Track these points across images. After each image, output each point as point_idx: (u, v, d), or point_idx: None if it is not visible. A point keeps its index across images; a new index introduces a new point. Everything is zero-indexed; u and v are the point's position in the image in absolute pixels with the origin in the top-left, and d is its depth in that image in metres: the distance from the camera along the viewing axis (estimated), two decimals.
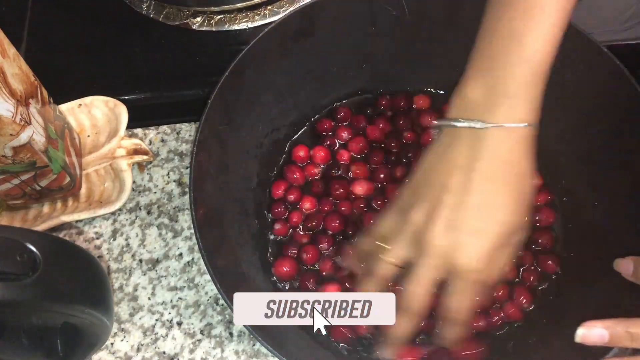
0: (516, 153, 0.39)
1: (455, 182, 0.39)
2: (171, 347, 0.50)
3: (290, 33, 0.50)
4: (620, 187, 0.48)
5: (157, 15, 0.64)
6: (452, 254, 0.38)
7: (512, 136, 0.38)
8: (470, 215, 0.38)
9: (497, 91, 0.39)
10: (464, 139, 0.39)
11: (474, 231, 0.38)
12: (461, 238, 0.38)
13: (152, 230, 0.55)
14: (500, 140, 0.38)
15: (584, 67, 0.49)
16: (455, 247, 0.38)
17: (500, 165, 0.39)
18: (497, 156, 0.38)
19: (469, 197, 0.38)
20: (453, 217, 0.38)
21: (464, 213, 0.38)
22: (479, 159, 0.39)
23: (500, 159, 0.39)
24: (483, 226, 0.38)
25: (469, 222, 0.38)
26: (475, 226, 0.38)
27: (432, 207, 0.39)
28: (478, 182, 0.38)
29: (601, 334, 0.35)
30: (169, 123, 0.60)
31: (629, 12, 0.61)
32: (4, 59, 0.43)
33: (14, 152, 0.44)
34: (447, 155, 0.40)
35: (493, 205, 0.39)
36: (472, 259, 0.38)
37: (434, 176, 0.40)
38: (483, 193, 0.38)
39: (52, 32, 0.65)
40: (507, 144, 0.38)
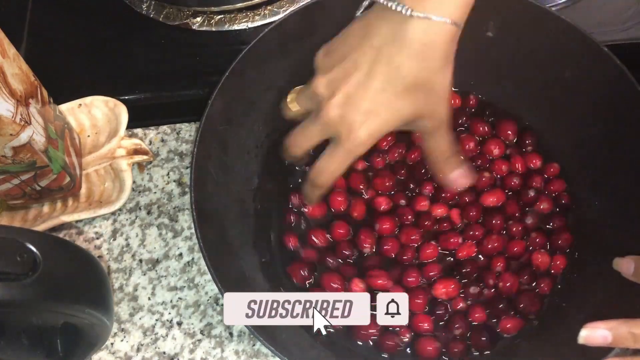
0: (433, 47, 0.39)
1: (364, 61, 0.40)
2: (171, 347, 0.50)
3: (290, 33, 0.50)
4: (621, 187, 0.48)
5: (157, 15, 0.64)
6: (340, 124, 0.41)
7: (434, 29, 0.39)
8: (368, 96, 0.40)
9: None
10: (387, 21, 0.40)
11: (366, 112, 0.40)
12: (353, 114, 0.40)
13: (152, 230, 0.55)
14: (420, 31, 0.39)
15: (584, 67, 0.49)
16: (345, 120, 0.41)
17: (413, 56, 0.39)
18: (412, 46, 0.39)
19: (372, 79, 0.40)
20: (352, 94, 0.40)
21: (363, 93, 0.40)
22: (394, 45, 0.39)
23: (414, 50, 0.39)
24: (376, 110, 0.40)
25: (364, 102, 0.40)
26: (369, 108, 0.40)
27: (338, 78, 0.41)
28: (385, 67, 0.40)
29: (604, 335, 0.35)
30: (169, 123, 0.60)
31: (629, 12, 0.61)
32: (4, 59, 0.43)
33: (14, 152, 0.44)
34: (368, 32, 0.41)
35: (393, 93, 0.40)
36: (356, 136, 0.41)
37: (350, 47, 0.41)
38: (387, 79, 0.40)
39: (52, 32, 0.65)
40: (427, 36, 0.39)
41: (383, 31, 0.40)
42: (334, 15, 0.51)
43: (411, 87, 0.40)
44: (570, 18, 0.48)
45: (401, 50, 0.39)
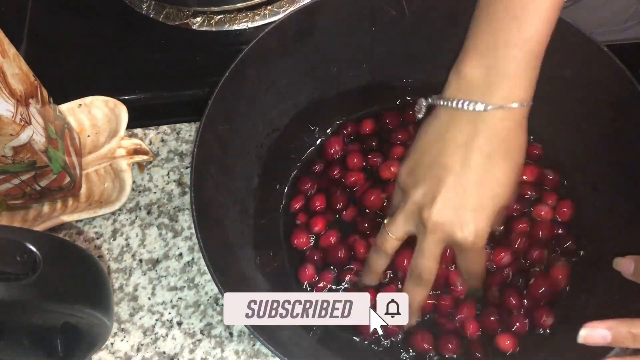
0: (514, 130, 0.40)
1: (454, 161, 0.41)
2: (171, 347, 0.50)
3: (290, 33, 0.50)
4: (621, 187, 0.48)
5: (157, 15, 0.64)
6: (453, 230, 0.41)
7: (511, 115, 0.40)
8: (469, 193, 0.40)
9: (496, 72, 0.40)
10: (464, 119, 0.40)
11: (473, 209, 0.40)
12: (461, 215, 0.40)
13: (152, 230, 0.55)
14: (499, 120, 0.40)
15: (584, 67, 0.49)
16: (455, 224, 0.41)
17: (499, 143, 0.40)
18: (496, 135, 0.40)
19: (468, 175, 0.40)
20: (453, 196, 0.40)
21: (463, 191, 0.40)
22: (479, 138, 0.40)
23: (499, 137, 0.40)
24: (482, 203, 0.41)
25: (468, 199, 0.40)
26: (474, 204, 0.40)
27: (433, 185, 0.41)
28: (477, 160, 0.40)
29: (604, 334, 0.35)
30: (169, 123, 0.60)
31: (629, 12, 0.61)
32: (4, 59, 0.43)
33: (14, 152, 0.44)
34: (446, 135, 0.41)
35: (491, 181, 0.41)
36: (472, 234, 0.41)
37: (433, 155, 0.42)
38: (482, 171, 0.40)
39: (52, 32, 0.65)
40: (506, 123, 0.40)
41: (464, 130, 0.40)
42: (333, 15, 0.51)
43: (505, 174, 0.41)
44: (570, 18, 0.48)
45: (489, 140, 0.40)
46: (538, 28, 0.39)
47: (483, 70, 0.40)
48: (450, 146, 0.41)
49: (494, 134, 0.40)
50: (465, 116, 0.40)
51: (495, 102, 0.39)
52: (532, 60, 0.40)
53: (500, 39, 0.39)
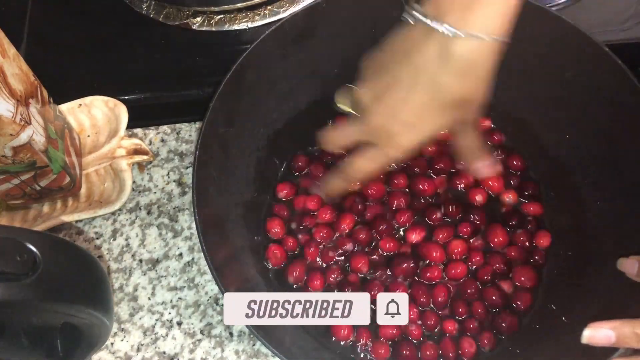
0: (477, 64, 0.39)
1: (405, 77, 0.41)
2: (171, 347, 0.50)
3: (291, 35, 0.50)
4: (622, 187, 0.48)
5: (157, 15, 0.64)
6: (381, 132, 0.42)
7: (479, 47, 0.39)
8: (408, 110, 0.41)
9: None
10: (431, 40, 0.40)
11: (407, 124, 0.41)
12: (393, 125, 0.42)
13: (152, 230, 0.55)
14: (465, 50, 0.39)
15: (584, 67, 0.49)
16: (386, 129, 0.42)
17: (457, 74, 0.39)
18: (457, 65, 0.39)
19: (413, 94, 0.41)
20: (393, 106, 0.41)
21: (403, 106, 0.41)
22: (438, 64, 0.39)
23: (458, 68, 0.39)
24: (416, 123, 0.41)
25: (407, 115, 0.41)
26: (409, 120, 0.41)
27: (382, 90, 0.42)
28: (428, 84, 0.40)
29: (608, 334, 0.35)
30: (169, 123, 0.60)
31: (629, 12, 0.61)
32: (4, 59, 0.43)
33: (14, 152, 0.44)
34: (411, 51, 0.41)
35: (434, 108, 0.41)
36: (397, 145, 0.42)
37: (392, 62, 0.42)
38: (429, 96, 0.40)
39: (52, 32, 0.65)
40: (472, 54, 0.39)
41: (427, 50, 0.40)
42: (334, 17, 0.51)
43: (453, 104, 0.40)
44: (570, 18, 0.48)
45: (445, 69, 0.39)
46: None
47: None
48: (409, 62, 0.41)
49: (454, 63, 0.39)
50: (435, 37, 0.39)
51: (467, 30, 0.38)
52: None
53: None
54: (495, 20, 0.38)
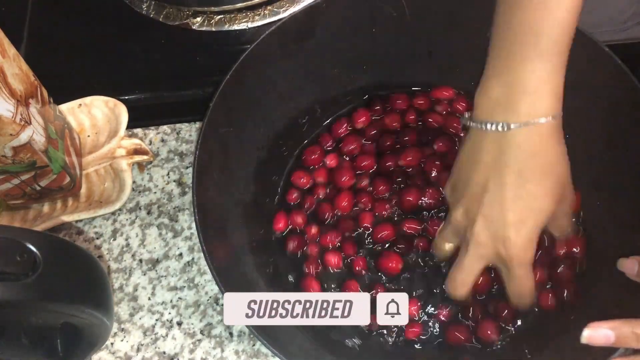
0: (541, 145, 0.40)
1: (487, 180, 0.41)
2: (171, 347, 0.50)
3: (291, 35, 0.50)
4: (622, 187, 0.48)
5: (157, 15, 0.64)
6: (495, 246, 0.41)
7: (536, 130, 0.39)
8: (507, 209, 0.40)
9: (516, 89, 0.39)
10: (489, 139, 0.41)
11: (514, 224, 0.40)
12: (503, 232, 0.40)
13: (152, 230, 0.55)
14: (524, 136, 0.39)
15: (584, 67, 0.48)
16: (498, 239, 0.41)
17: (527, 159, 0.40)
18: (523, 151, 0.40)
19: (503, 192, 0.40)
20: (491, 213, 0.41)
21: (501, 208, 0.40)
22: (506, 156, 0.40)
23: (526, 154, 0.40)
24: (521, 217, 0.40)
25: (507, 215, 0.40)
26: (513, 219, 0.40)
27: (471, 204, 0.42)
28: (509, 177, 0.40)
29: (607, 334, 0.35)
30: (169, 123, 0.60)
31: (629, 12, 0.61)
32: (4, 59, 0.43)
33: (14, 152, 0.44)
34: (478, 156, 0.41)
35: (527, 196, 0.40)
36: (515, 248, 0.40)
37: (468, 176, 0.42)
38: (516, 187, 0.40)
39: (52, 32, 0.65)
40: (532, 138, 0.39)
41: (491, 149, 0.41)
42: (334, 17, 0.51)
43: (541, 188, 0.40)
44: None
45: (518, 158, 0.40)
46: (556, 36, 0.38)
47: (504, 89, 0.40)
48: (481, 166, 0.41)
49: (520, 151, 0.40)
50: (490, 136, 0.40)
51: (517, 120, 0.39)
52: (553, 72, 0.39)
53: (517, 55, 0.39)
54: (545, 100, 0.39)
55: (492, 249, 0.41)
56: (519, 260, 0.41)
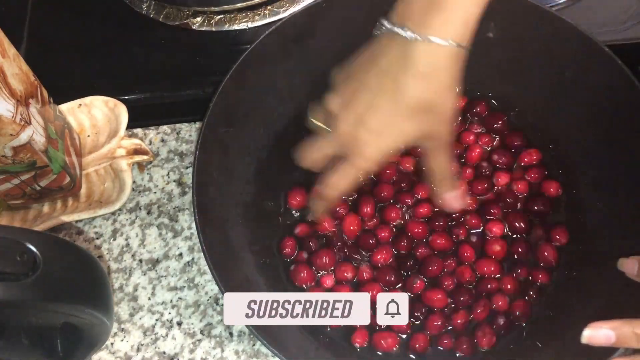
0: (437, 69, 0.40)
1: (372, 83, 0.41)
2: (171, 347, 0.50)
3: (291, 35, 0.50)
4: (622, 187, 0.48)
5: (157, 15, 0.64)
6: (349, 142, 0.42)
7: (438, 52, 0.39)
8: (376, 117, 0.41)
9: (438, 4, 0.39)
10: (395, 45, 0.40)
11: (375, 131, 0.41)
12: (362, 133, 0.41)
13: (152, 230, 0.55)
14: (424, 54, 0.39)
15: (584, 67, 0.49)
16: (355, 138, 0.42)
17: (418, 78, 0.40)
18: (417, 68, 0.40)
19: (380, 100, 0.41)
20: (361, 113, 0.41)
21: (372, 113, 0.41)
22: (400, 67, 0.40)
23: (419, 72, 0.40)
24: (384, 130, 0.41)
25: (373, 122, 0.41)
26: (377, 128, 0.41)
27: (349, 97, 0.42)
28: (391, 88, 0.40)
29: (608, 334, 0.35)
30: (169, 123, 0.60)
31: (629, 12, 0.61)
32: (4, 59, 0.43)
33: (14, 152, 0.44)
34: (377, 57, 0.42)
35: (399, 114, 0.41)
36: (365, 154, 0.42)
37: (360, 69, 0.43)
38: (393, 101, 0.41)
39: (52, 32, 0.65)
40: (431, 58, 0.39)
41: (390, 54, 0.41)
42: (334, 16, 0.51)
43: (416, 109, 0.40)
44: (570, 18, 0.48)
45: (406, 72, 0.40)
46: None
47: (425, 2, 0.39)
48: (375, 66, 0.41)
49: (414, 66, 0.39)
50: (398, 42, 0.40)
51: (425, 34, 0.39)
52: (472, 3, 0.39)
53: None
54: (455, 26, 0.39)
55: (346, 142, 0.42)
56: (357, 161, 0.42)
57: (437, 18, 0.39)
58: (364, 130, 0.41)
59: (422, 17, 0.39)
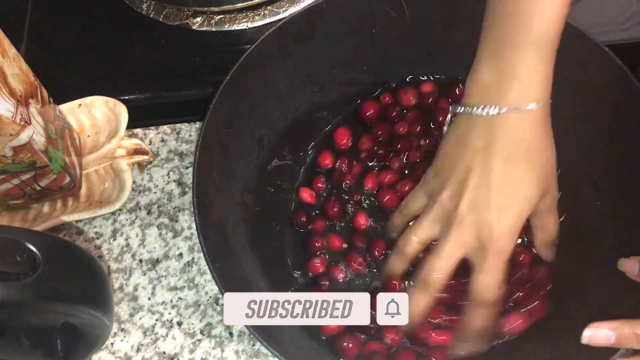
0: (530, 131, 0.40)
1: (475, 164, 0.41)
2: (171, 347, 0.50)
3: (291, 35, 0.50)
4: (622, 187, 0.48)
5: (157, 15, 0.64)
6: (479, 230, 0.40)
7: (525, 116, 0.40)
8: (493, 193, 0.40)
9: (507, 75, 0.40)
10: (480, 124, 0.41)
11: (499, 208, 0.40)
12: (487, 215, 0.40)
13: (152, 230, 0.55)
14: (513, 122, 0.40)
15: (584, 67, 0.49)
16: (482, 224, 0.40)
17: (516, 145, 0.40)
18: (512, 136, 0.40)
19: (490, 176, 0.40)
20: (478, 196, 0.40)
21: (488, 192, 0.40)
22: (496, 141, 0.40)
23: (515, 139, 0.40)
24: (507, 203, 0.40)
25: (493, 199, 0.40)
26: (499, 203, 0.40)
27: (458, 188, 0.41)
28: (497, 162, 0.40)
29: (608, 335, 0.36)
30: (169, 123, 0.60)
31: (629, 12, 0.61)
32: (4, 59, 0.43)
33: (14, 152, 0.44)
34: (467, 140, 0.42)
35: (513, 182, 0.40)
36: (499, 233, 0.40)
37: (456, 159, 0.42)
38: (503, 172, 0.40)
39: (52, 32, 0.65)
40: (521, 124, 0.40)
41: (481, 134, 0.41)
42: (334, 17, 0.51)
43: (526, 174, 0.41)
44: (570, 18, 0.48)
45: (507, 143, 0.40)
46: (546, 26, 0.39)
47: (495, 74, 0.40)
48: (469, 150, 0.41)
49: (510, 136, 0.40)
50: (481, 121, 0.41)
51: (507, 105, 0.40)
52: (542, 59, 0.40)
53: (509, 41, 0.40)
54: (535, 86, 0.40)
55: (473, 232, 0.41)
56: (497, 248, 0.40)
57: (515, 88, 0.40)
58: (487, 211, 0.40)
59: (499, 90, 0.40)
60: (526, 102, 0.40)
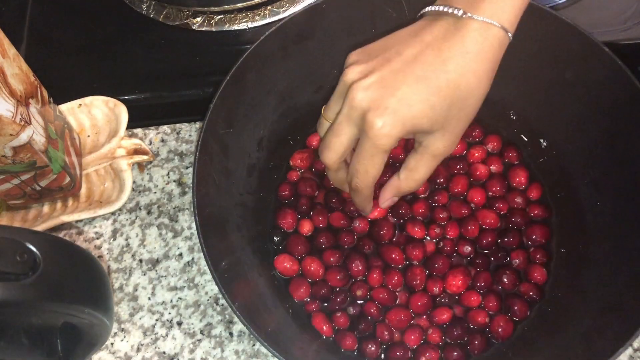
0: (484, 50, 0.38)
1: (410, 51, 0.39)
2: (171, 347, 0.50)
3: (291, 35, 0.50)
4: (622, 187, 0.48)
5: (157, 15, 0.64)
6: (369, 110, 0.38)
7: (487, 33, 0.38)
8: (406, 82, 0.38)
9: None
10: (441, 22, 0.39)
11: (401, 98, 0.38)
12: (385, 99, 0.38)
13: (152, 230, 0.55)
14: (474, 32, 0.38)
15: (584, 67, 0.49)
16: (376, 105, 0.38)
17: (464, 53, 0.38)
18: (465, 44, 0.38)
19: (414, 66, 0.38)
20: (387, 77, 0.38)
21: (401, 78, 0.38)
22: (447, 40, 0.38)
23: (466, 47, 0.38)
24: (411, 99, 0.38)
25: (401, 87, 0.38)
26: (404, 94, 0.38)
27: (374, 64, 0.39)
28: (432, 57, 0.38)
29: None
30: (169, 123, 0.60)
31: (629, 12, 0.61)
32: (4, 59, 0.43)
33: (14, 152, 0.44)
34: (419, 32, 0.40)
35: (433, 85, 0.38)
36: (386, 123, 0.38)
37: (394, 44, 0.40)
38: (431, 69, 0.38)
39: (52, 32, 0.65)
40: (480, 37, 0.38)
41: (435, 30, 0.39)
42: (334, 17, 0.51)
43: (450, 86, 0.38)
44: (570, 18, 0.48)
45: (453, 45, 0.38)
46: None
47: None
48: (416, 40, 0.39)
49: (462, 41, 0.38)
50: (443, 19, 0.39)
51: (475, 13, 0.38)
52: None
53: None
54: (506, 11, 0.38)
55: (363, 111, 0.38)
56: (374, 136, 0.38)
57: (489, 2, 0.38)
58: (389, 95, 0.37)
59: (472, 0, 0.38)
60: (494, 20, 0.38)
